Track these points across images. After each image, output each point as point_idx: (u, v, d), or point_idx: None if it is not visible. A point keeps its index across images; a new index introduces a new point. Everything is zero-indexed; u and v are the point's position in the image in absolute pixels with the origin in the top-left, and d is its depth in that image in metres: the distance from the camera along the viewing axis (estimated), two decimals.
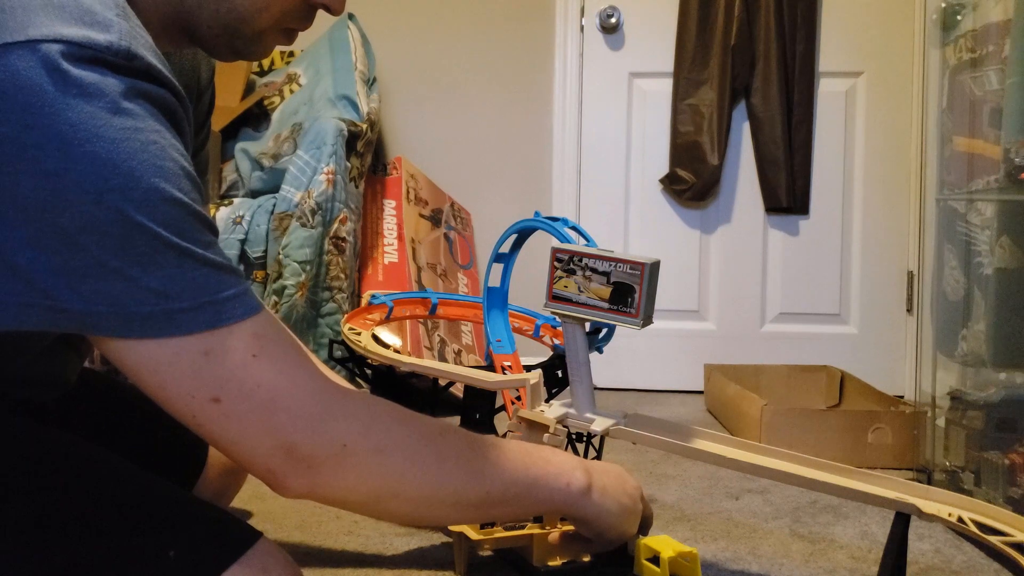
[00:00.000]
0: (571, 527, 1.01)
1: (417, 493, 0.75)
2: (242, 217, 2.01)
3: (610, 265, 0.99)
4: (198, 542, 0.71)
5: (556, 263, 1.02)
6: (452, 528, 1.05)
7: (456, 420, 1.30)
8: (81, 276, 0.61)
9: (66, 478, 0.72)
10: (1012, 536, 0.84)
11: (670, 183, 2.63)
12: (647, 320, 0.99)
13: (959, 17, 1.63)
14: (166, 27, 0.76)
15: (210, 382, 0.66)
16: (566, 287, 1.01)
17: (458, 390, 1.31)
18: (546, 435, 1.03)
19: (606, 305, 1.00)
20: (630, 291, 0.98)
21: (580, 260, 1.00)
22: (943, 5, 1.65)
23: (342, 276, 2.05)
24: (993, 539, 0.85)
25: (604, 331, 1.31)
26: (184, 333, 0.64)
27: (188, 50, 0.93)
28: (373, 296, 1.44)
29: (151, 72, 0.64)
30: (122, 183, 0.61)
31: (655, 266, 0.98)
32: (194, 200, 0.66)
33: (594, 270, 1.00)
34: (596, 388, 1.12)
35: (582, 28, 2.68)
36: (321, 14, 0.79)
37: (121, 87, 0.61)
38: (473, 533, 1.01)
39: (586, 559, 1.02)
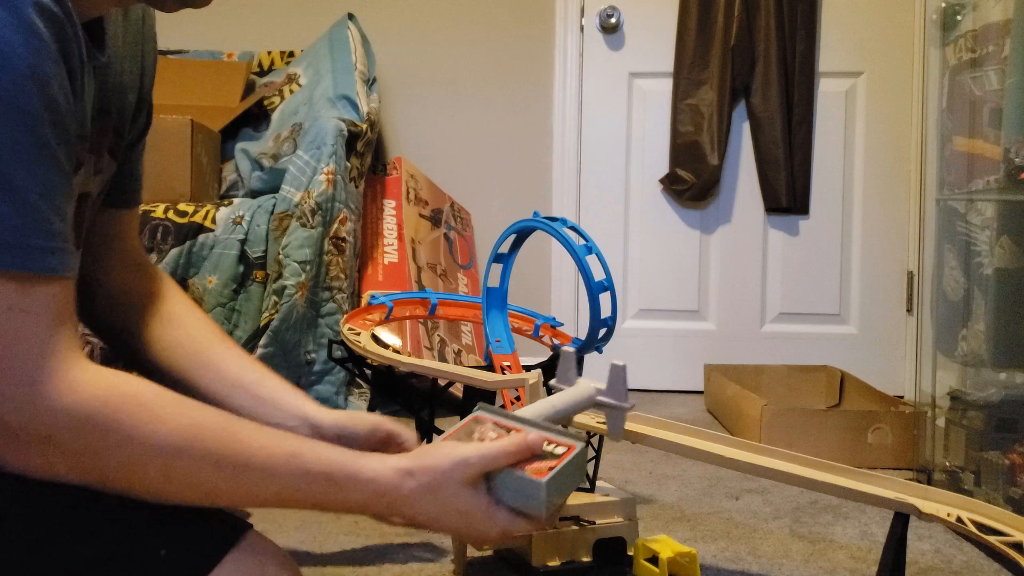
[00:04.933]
0: (571, 526, 1.01)
1: (151, 486, 0.68)
2: (242, 217, 2.01)
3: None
4: (188, 538, 0.71)
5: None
6: None
7: (456, 420, 1.30)
8: None
9: None
10: (1011, 536, 0.84)
11: (670, 183, 2.63)
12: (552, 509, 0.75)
13: (959, 17, 1.63)
14: None
15: None
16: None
17: (458, 390, 1.31)
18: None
19: None
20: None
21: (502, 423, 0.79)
22: (943, 5, 1.65)
23: (342, 276, 2.04)
24: (992, 539, 0.85)
25: (604, 331, 1.31)
26: None
27: (133, 16, 0.90)
28: (373, 296, 1.44)
29: None
30: None
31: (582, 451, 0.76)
32: (53, 141, 0.63)
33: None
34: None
35: (582, 28, 2.68)
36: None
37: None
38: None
39: (586, 559, 1.02)
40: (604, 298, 1.24)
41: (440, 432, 1.13)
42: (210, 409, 0.71)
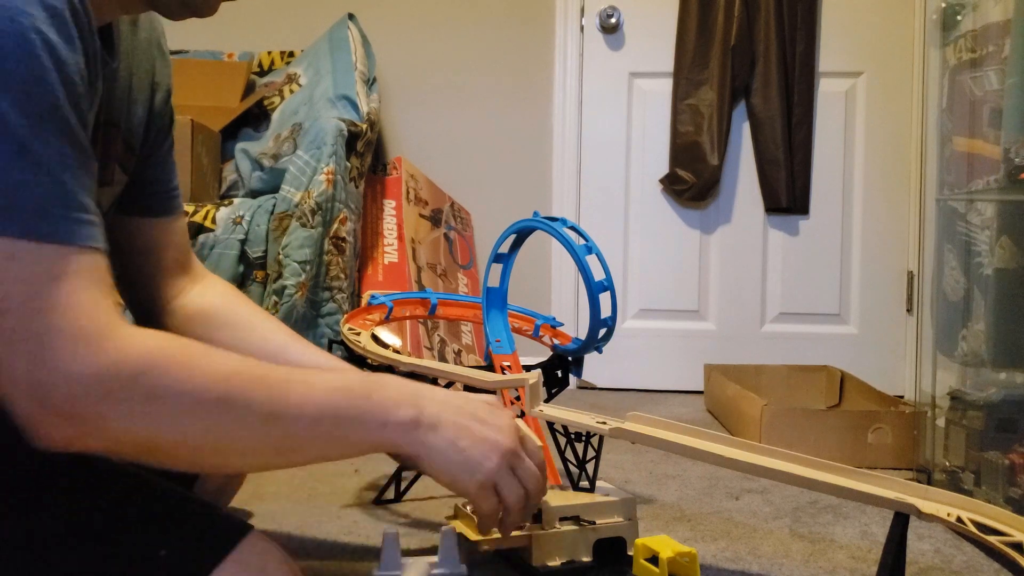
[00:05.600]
0: (573, 527, 1.01)
1: (198, 441, 0.68)
2: (242, 217, 2.01)
3: None
4: (189, 539, 0.71)
5: None
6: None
7: None
8: None
9: (54, 477, 0.72)
10: (1011, 536, 0.84)
11: (670, 183, 2.63)
12: None
13: (959, 17, 1.63)
14: None
15: (1, 289, 0.62)
16: None
17: (458, 390, 1.31)
18: None
19: None
20: None
21: None
22: (943, 5, 1.65)
23: (342, 276, 2.05)
24: (992, 539, 0.85)
25: (604, 331, 1.31)
26: None
27: (143, 33, 0.92)
28: (373, 296, 1.44)
29: None
30: (11, 66, 0.61)
31: None
32: (73, 118, 0.65)
33: None
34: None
35: (582, 28, 2.68)
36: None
37: None
38: (472, 533, 1.01)
39: (586, 559, 1.02)
40: (604, 298, 1.24)
41: None
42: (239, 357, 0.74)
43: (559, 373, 1.43)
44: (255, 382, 0.71)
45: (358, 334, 1.30)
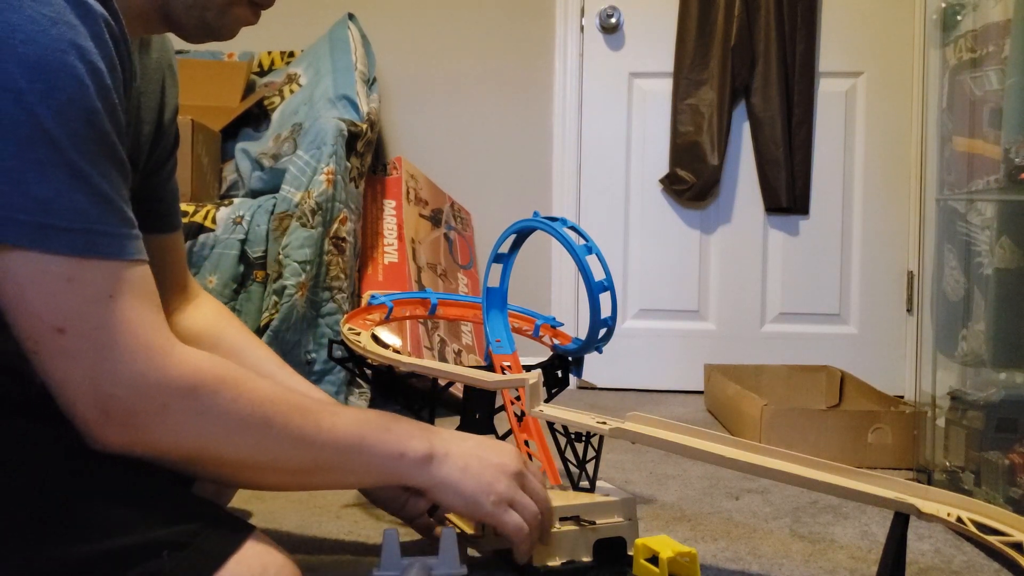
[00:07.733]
0: (573, 527, 1.01)
1: (238, 457, 0.75)
2: (242, 217, 2.01)
3: None
4: (190, 541, 0.71)
5: None
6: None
7: (456, 420, 1.30)
8: None
9: (54, 476, 0.71)
10: (1011, 536, 0.84)
11: (670, 183, 2.63)
12: None
13: (959, 17, 1.63)
14: (141, 8, 0.81)
15: (61, 310, 0.66)
16: None
17: (458, 390, 1.31)
18: None
19: None
20: None
21: None
22: (943, 5, 1.65)
23: (342, 276, 2.04)
24: (992, 539, 0.85)
25: (604, 331, 1.31)
26: (53, 252, 0.65)
27: (154, 53, 0.95)
28: (373, 296, 1.44)
29: None
30: (45, 88, 0.64)
31: None
32: (113, 135, 0.69)
33: None
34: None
35: (582, 28, 2.68)
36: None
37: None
38: (471, 530, 1.01)
39: (586, 559, 1.02)
40: (604, 298, 1.24)
41: None
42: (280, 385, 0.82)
43: (559, 373, 1.43)
44: (292, 407, 0.78)
45: (358, 334, 1.29)
